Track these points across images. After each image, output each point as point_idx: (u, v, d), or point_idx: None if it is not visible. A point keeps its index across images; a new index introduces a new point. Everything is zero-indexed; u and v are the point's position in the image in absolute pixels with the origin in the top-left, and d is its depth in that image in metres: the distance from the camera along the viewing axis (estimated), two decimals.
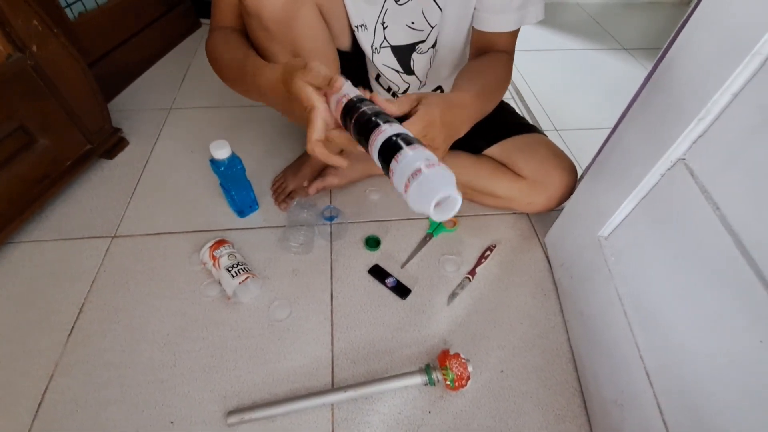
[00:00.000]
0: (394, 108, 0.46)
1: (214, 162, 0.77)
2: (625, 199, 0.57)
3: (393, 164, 0.36)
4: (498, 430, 0.61)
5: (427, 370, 0.63)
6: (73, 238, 0.83)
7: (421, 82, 0.82)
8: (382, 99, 0.45)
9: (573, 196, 0.75)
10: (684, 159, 0.49)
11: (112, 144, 0.99)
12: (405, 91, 0.84)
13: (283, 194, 0.90)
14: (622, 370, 0.55)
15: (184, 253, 0.81)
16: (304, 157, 0.95)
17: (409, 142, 0.37)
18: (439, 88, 0.86)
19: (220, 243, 0.76)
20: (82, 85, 0.92)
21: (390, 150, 0.37)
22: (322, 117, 0.44)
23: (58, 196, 0.90)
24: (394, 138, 0.37)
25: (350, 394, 0.62)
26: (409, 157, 0.35)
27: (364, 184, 0.95)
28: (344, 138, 0.45)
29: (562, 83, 1.34)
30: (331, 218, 0.86)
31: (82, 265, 0.79)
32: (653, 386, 0.49)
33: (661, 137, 0.51)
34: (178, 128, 1.09)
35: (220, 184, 0.84)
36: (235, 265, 0.72)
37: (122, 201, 0.91)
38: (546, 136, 0.87)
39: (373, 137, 0.38)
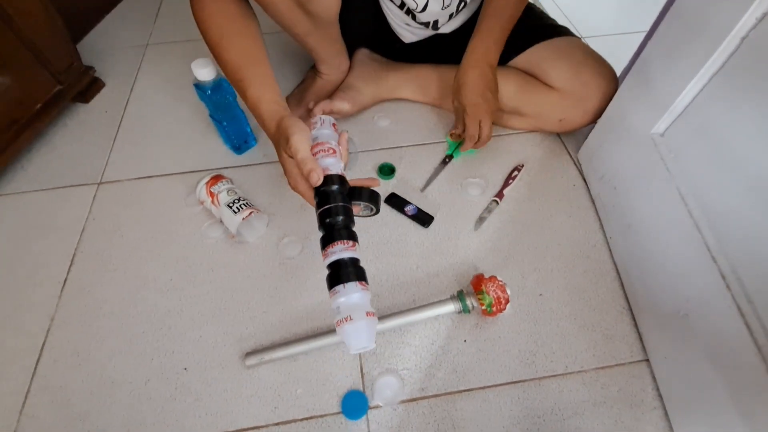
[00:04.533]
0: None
1: (198, 86, 0.67)
2: (690, 81, 0.48)
3: (331, 295, 0.43)
4: (541, 354, 0.56)
5: (460, 296, 0.57)
6: (56, 188, 0.75)
7: None
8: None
9: (613, 100, 0.65)
10: None
11: (86, 85, 0.88)
12: (424, 9, 0.70)
13: None
14: (688, 277, 0.48)
15: (179, 196, 0.73)
16: (306, 83, 0.85)
17: (348, 276, 0.43)
18: (463, 0, 0.73)
19: (217, 178, 0.67)
20: (42, 17, 0.80)
21: (333, 279, 0.43)
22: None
23: (33, 144, 0.81)
24: (340, 266, 0.43)
25: (377, 327, 0.56)
26: (337, 302, 0.42)
27: (371, 111, 0.85)
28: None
29: None
30: None
31: (69, 215, 0.71)
32: (731, 289, 0.42)
33: None
34: (158, 65, 0.98)
35: (210, 115, 0.74)
36: (236, 201, 0.64)
37: (105, 146, 0.82)
38: (580, 39, 0.75)
39: (328, 249, 0.44)
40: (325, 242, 0.45)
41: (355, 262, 0.44)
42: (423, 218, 0.69)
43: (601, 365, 0.55)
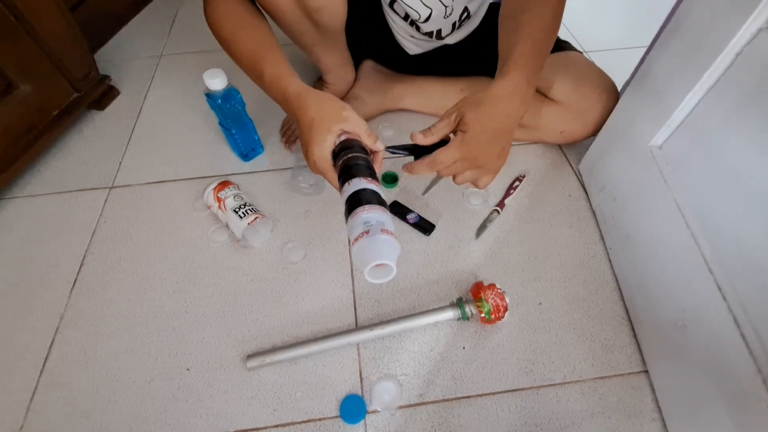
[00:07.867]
0: (429, 139, 0.50)
1: (209, 96, 0.69)
2: (686, 95, 0.49)
3: (350, 218, 0.41)
4: (540, 363, 0.56)
5: (459, 304, 0.57)
6: (69, 191, 0.78)
7: (445, 6, 0.70)
8: (416, 134, 0.50)
9: (613, 113, 0.66)
10: None
11: (102, 93, 0.92)
12: (427, 19, 0.73)
13: (293, 135, 0.83)
14: (686, 287, 0.48)
15: (187, 200, 0.75)
16: None
17: (369, 201, 0.41)
18: (466, 11, 0.73)
19: (225, 184, 0.69)
20: (61, 26, 0.83)
21: (353, 203, 0.41)
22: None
23: (49, 149, 0.84)
24: (360, 193, 0.42)
25: (377, 332, 0.57)
26: (359, 218, 0.39)
27: (376, 121, 0.87)
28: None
29: (586, 1, 1.21)
30: None
31: (81, 218, 0.74)
32: (726, 299, 0.43)
33: (738, 6, 0.42)
34: (171, 75, 1.01)
35: (219, 123, 0.76)
36: (242, 206, 0.66)
37: (117, 151, 0.84)
38: (582, 53, 0.77)
39: (345, 186, 0.43)
40: (345, 179, 0.43)
41: (374, 191, 0.43)
42: (425, 226, 0.70)
43: (600, 375, 0.55)
